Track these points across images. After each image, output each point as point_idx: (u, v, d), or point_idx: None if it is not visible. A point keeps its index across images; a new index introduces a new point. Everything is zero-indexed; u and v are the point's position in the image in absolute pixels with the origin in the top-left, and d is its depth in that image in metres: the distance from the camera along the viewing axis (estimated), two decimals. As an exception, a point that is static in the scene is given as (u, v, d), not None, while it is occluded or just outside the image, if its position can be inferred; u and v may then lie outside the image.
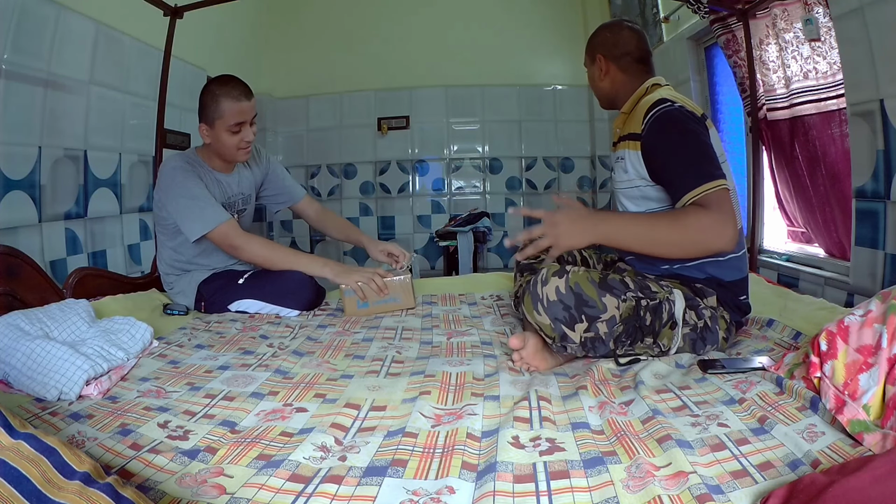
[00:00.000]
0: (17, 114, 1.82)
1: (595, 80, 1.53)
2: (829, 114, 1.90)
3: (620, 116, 1.48)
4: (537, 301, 1.18)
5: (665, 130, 1.27)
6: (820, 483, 0.61)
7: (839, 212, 1.91)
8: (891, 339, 0.84)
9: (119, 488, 0.61)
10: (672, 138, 1.26)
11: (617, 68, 1.47)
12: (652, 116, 1.29)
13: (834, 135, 1.89)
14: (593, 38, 1.53)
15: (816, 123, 1.97)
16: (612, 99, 1.52)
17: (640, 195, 1.37)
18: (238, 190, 1.96)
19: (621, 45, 1.47)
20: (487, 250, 4.01)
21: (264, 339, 1.51)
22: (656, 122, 1.28)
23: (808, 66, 1.93)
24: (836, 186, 1.91)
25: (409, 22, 4.02)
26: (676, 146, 1.25)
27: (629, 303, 1.19)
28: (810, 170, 2.02)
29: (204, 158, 1.88)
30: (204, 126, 1.79)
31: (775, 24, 2.01)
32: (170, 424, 0.95)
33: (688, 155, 1.24)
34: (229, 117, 1.74)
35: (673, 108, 1.28)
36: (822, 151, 1.95)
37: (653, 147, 1.30)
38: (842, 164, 1.88)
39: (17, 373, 1.08)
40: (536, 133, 4.03)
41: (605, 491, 0.72)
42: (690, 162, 1.23)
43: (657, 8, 2.97)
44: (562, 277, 1.18)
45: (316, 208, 2.19)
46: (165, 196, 1.78)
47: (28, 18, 1.83)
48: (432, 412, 0.99)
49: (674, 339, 1.24)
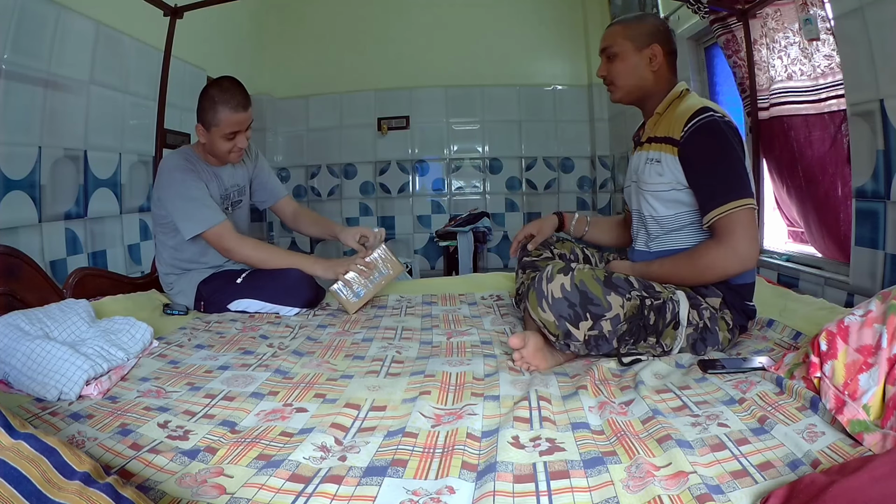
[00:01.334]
0: (17, 114, 1.82)
1: (638, 69, 1.42)
2: (826, 113, 1.90)
3: (654, 116, 1.45)
4: (542, 298, 1.18)
5: (706, 142, 1.28)
6: (820, 483, 0.61)
7: (833, 212, 1.91)
8: (891, 339, 0.84)
9: (119, 488, 0.61)
10: (710, 151, 1.27)
11: (666, 63, 1.43)
12: (694, 125, 1.29)
13: (830, 135, 1.89)
14: (646, 24, 1.44)
15: (810, 123, 1.97)
16: (647, 94, 1.45)
17: (673, 199, 1.37)
18: (233, 181, 1.98)
19: (672, 41, 1.44)
20: (487, 250, 4.01)
21: (264, 339, 1.51)
22: (698, 132, 1.28)
23: (805, 66, 1.93)
24: (832, 186, 1.91)
25: (409, 22, 4.02)
26: (713, 160, 1.27)
27: (633, 302, 1.19)
28: (805, 170, 2.02)
29: (200, 154, 1.90)
30: (200, 127, 1.81)
31: (783, 24, 2.01)
32: (170, 424, 0.95)
33: (722, 171, 1.26)
34: (225, 126, 1.77)
35: (716, 119, 1.28)
36: (819, 151, 1.95)
37: (690, 156, 1.30)
38: (837, 165, 1.88)
39: (17, 373, 1.08)
40: (536, 133, 4.03)
41: (605, 491, 0.72)
42: (723, 178, 1.25)
43: (657, 8, 2.97)
44: (567, 275, 1.18)
45: (293, 208, 2.19)
46: (164, 194, 1.79)
47: (28, 18, 1.83)
48: (432, 412, 0.99)
49: (677, 339, 1.24)
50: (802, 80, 1.95)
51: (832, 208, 1.91)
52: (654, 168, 1.40)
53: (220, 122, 1.76)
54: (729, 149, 1.27)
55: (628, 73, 1.44)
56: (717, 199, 1.24)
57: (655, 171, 1.39)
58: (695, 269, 1.28)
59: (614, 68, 1.45)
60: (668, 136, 1.35)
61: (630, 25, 1.44)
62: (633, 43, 1.42)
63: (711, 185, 1.26)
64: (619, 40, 1.44)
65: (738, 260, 1.23)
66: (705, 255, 1.27)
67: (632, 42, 1.42)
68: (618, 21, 1.49)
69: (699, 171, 1.29)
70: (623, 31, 1.44)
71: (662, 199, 1.39)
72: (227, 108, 1.75)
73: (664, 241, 1.42)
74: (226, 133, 1.78)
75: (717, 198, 1.24)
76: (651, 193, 1.42)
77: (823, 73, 1.86)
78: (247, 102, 1.79)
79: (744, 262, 1.24)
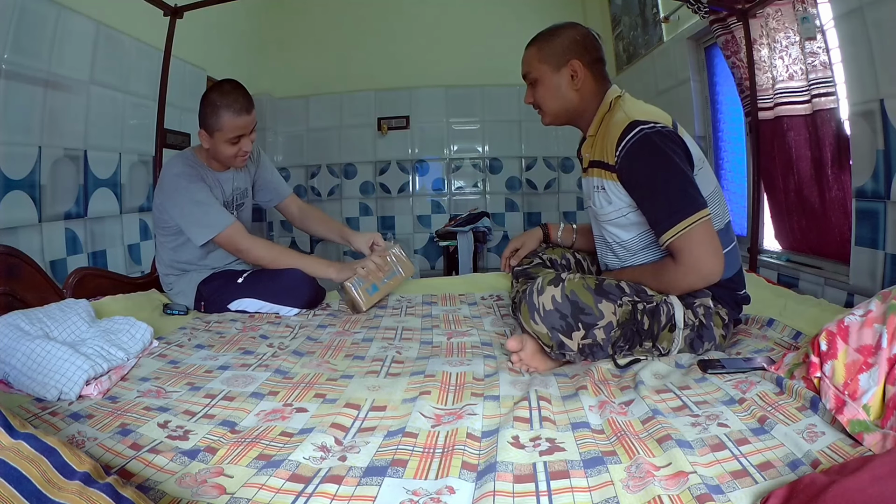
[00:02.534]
0: (17, 114, 1.82)
1: (560, 90, 1.36)
2: (823, 113, 1.90)
3: (588, 140, 1.39)
4: (534, 311, 1.17)
5: (640, 164, 1.22)
6: (820, 483, 0.61)
7: (833, 212, 1.91)
8: (891, 339, 0.84)
9: (119, 488, 0.61)
10: (647, 172, 1.21)
11: (591, 76, 1.35)
12: (624, 148, 1.22)
13: (826, 134, 1.89)
14: (559, 40, 1.35)
15: (804, 123, 1.98)
16: (576, 114, 1.39)
17: (630, 222, 1.33)
18: (235, 185, 1.97)
19: (593, 48, 1.36)
20: (487, 250, 4.01)
21: (264, 339, 1.51)
22: (629, 155, 1.22)
23: (803, 66, 1.93)
24: (829, 187, 1.91)
25: (409, 22, 4.01)
26: (652, 181, 1.21)
27: (626, 307, 1.19)
28: (803, 171, 2.02)
29: (202, 159, 1.88)
30: (203, 133, 1.78)
31: (784, 24, 2.01)
32: (170, 424, 0.95)
33: (663, 191, 1.20)
34: (228, 131, 1.74)
35: (646, 133, 1.21)
36: (818, 151, 1.95)
37: (629, 181, 1.26)
38: (833, 165, 1.88)
39: (17, 373, 1.08)
40: (536, 133, 4.03)
41: (605, 491, 0.72)
42: (666, 199, 1.20)
43: (657, 8, 2.97)
44: (557, 286, 1.17)
45: (299, 206, 2.18)
46: (168, 201, 1.78)
47: (28, 18, 1.83)
48: (432, 412, 0.99)
49: (674, 341, 1.23)
50: (802, 80, 1.96)
51: (832, 208, 1.91)
52: (601, 196, 1.34)
53: (222, 126, 1.73)
54: (665, 164, 1.20)
55: (552, 97, 1.38)
56: (667, 222, 1.19)
57: (604, 199, 1.34)
58: (659, 285, 1.25)
59: (538, 94, 1.40)
60: (603, 161, 1.30)
61: (543, 46, 1.37)
62: (549, 64, 1.36)
63: (657, 208, 1.21)
64: (535, 64, 1.38)
65: (699, 277, 1.19)
66: (666, 274, 1.23)
67: (548, 63, 1.36)
68: (531, 42, 1.42)
69: (642, 196, 1.25)
70: (537, 54, 1.38)
71: (619, 225, 1.35)
72: (229, 112, 1.72)
73: (636, 260, 1.38)
74: (229, 137, 1.75)
75: (666, 220, 1.19)
76: (609, 223, 1.38)
77: (814, 70, 1.87)
78: (250, 105, 1.76)
79: (707, 278, 1.19)
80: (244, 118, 1.74)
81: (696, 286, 1.22)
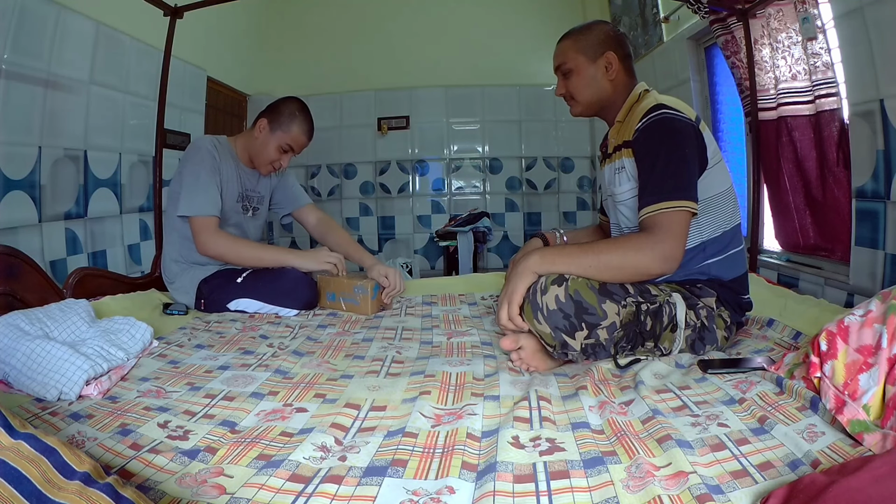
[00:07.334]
0: (17, 114, 1.82)
1: (596, 79, 1.40)
2: (822, 113, 1.90)
3: (615, 126, 1.42)
4: (537, 310, 1.17)
5: (651, 138, 1.25)
6: (820, 483, 0.61)
7: (833, 212, 1.92)
8: (891, 339, 0.84)
9: (119, 488, 0.61)
10: (654, 147, 1.24)
11: (623, 69, 1.40)
12: (644, 122, 1.26)
13: (825, 135, 1.89)
14: (595, 33, 1.40)
15: (802, 123, 1.98)
16: (607, 104, 1.43)
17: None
18: (256, 188, 2.01)
19: (625, 44, 1.41)
20: (487, 250, 4.01)
21: (264, 339, 1.51)
22: (646, 129, 1.26)
23: (805, 66, 1.93)
24: (829, 186, 1.91)
25: (409, 22, 4.02)
26: (655, 156, 1.23)
27: (629, 308, 1.19)
28: (805, 170, 2.02)
29: (235, 148, 1.93)
30: (266, 124, 1.87)
31: (785, 23, 2.01)
32: (170, 424, 0.95)
33: (661, 168, 1.21)
34: (290, 139, 1.87)
35: (667, 115, 1.24)
36: (817, 151, 1.95)
37: (637, 152, 1.28)
38: (832, 165, 1.88)
39: (17, 373, 1.08)
40: (536, 133, 4.03)
41: (605, 491, 0.72)
42: (661, 176, 1.21)
43: (657, 8, 2.97)
44: (561, 286, 1.17)
45: (317, 217, 2.14)
46: (183, 168, 1.82)
47: (28, 18, 1.83)
48: (432, 412, 0.99)
49: (675, 341, 1.24)
50: (805, 80, 1.96)
51: (834, 208, 1.91)
52: (621, 176, 1.37)
53: (290, 132, 1.86)
54: (674, 147, 1.21)
55: (586, 86, 1.41)
56: (653, 197, 1.20)
57: (624, 177, 1.36)
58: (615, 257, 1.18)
59: (572, 84, 1.42)
60: (626, 140, 1.33)
61: (580, 38, 1.41)
62: (586, 55, 1.39)
63: (650, 181, 1.22)
64: (571, 55, 1.41)
65: (657, 256, 1.17)
66: (628, 243, 1.20)
67: (584, 55, 1.40)
68: (566, 35, 1.45)
69: (642, 167, 1.26)
70: (574, 45, 1.41)
71: (632, 207, 1.35)
72: (302, 127, 1.88)
73: None
74: (284, 145, 1.87)
75: (652, 195, 1.20)
76: (623, 204, 1.38)
77: (816, 71, 1.87)
78: (312, 135, 1.94)
79: (663, 260, 1.17)
80: (304, 140, 1.90)
81: (651, 267, 1.18)
